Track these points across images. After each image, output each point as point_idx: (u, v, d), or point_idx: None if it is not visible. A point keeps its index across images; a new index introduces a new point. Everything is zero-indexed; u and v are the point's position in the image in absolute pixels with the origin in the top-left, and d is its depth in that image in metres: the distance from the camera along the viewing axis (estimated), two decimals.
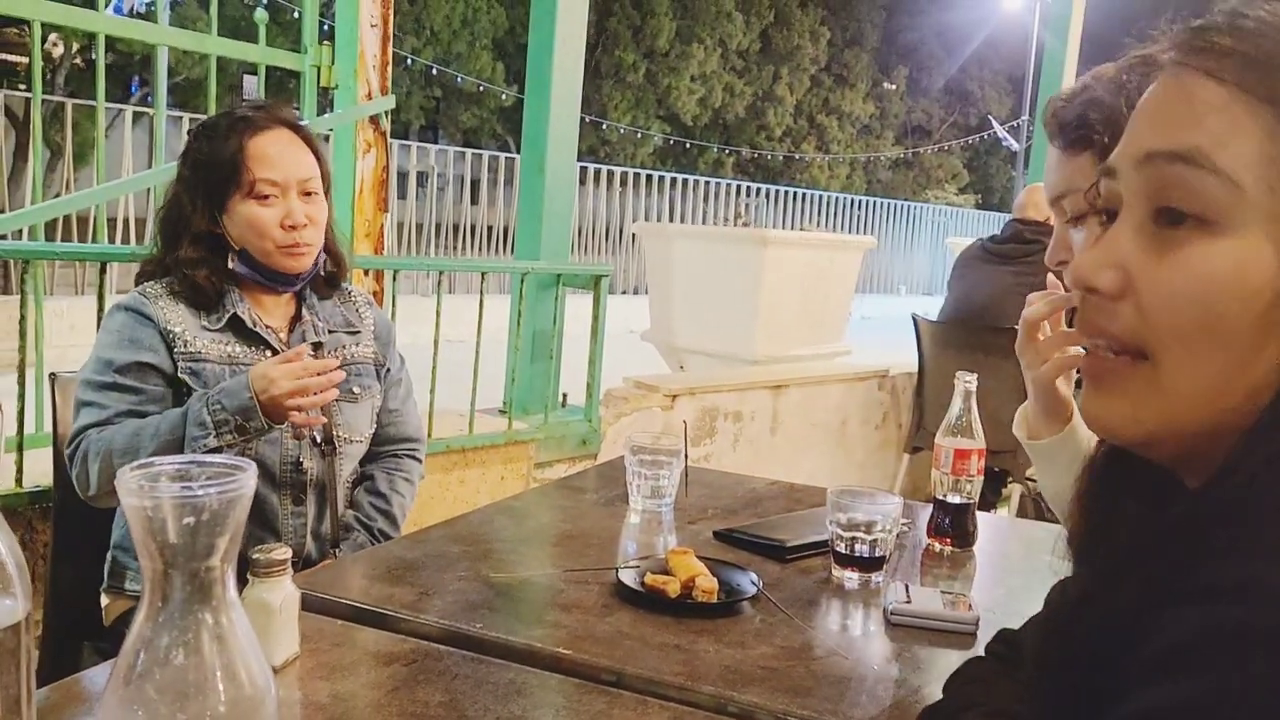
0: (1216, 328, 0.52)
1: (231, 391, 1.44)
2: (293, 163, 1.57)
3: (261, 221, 1.55)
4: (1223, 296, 0.52)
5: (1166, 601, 0.48)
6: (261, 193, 1.54)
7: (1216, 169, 0.52)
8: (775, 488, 1.77)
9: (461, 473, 2.88)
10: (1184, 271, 0.53)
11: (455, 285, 8.76)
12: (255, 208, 1.55)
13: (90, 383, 1.51)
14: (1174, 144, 0.54)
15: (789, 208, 12.72)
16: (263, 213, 1.55)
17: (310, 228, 1.58)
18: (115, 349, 1.52)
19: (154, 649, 0.65)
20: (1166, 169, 0.54)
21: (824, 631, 1.15)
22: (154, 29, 2.45)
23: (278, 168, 1.55)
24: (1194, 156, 0.53)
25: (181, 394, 1.53)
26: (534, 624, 1.15)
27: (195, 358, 1.53)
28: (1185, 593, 0.48)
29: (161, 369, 1.52)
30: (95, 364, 1.52)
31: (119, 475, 0.64)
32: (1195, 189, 0.53)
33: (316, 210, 1.59)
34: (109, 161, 6.43)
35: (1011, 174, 24.54)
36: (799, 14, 21.23)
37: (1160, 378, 0.55)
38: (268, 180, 1.54)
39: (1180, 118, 0.54)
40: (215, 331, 1.56)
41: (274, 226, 1.55)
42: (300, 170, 1.57)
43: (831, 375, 4.22)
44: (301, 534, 1.61)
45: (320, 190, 1.61)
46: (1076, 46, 5.47)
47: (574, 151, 3.24)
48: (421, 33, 16.02)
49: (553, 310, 3.14)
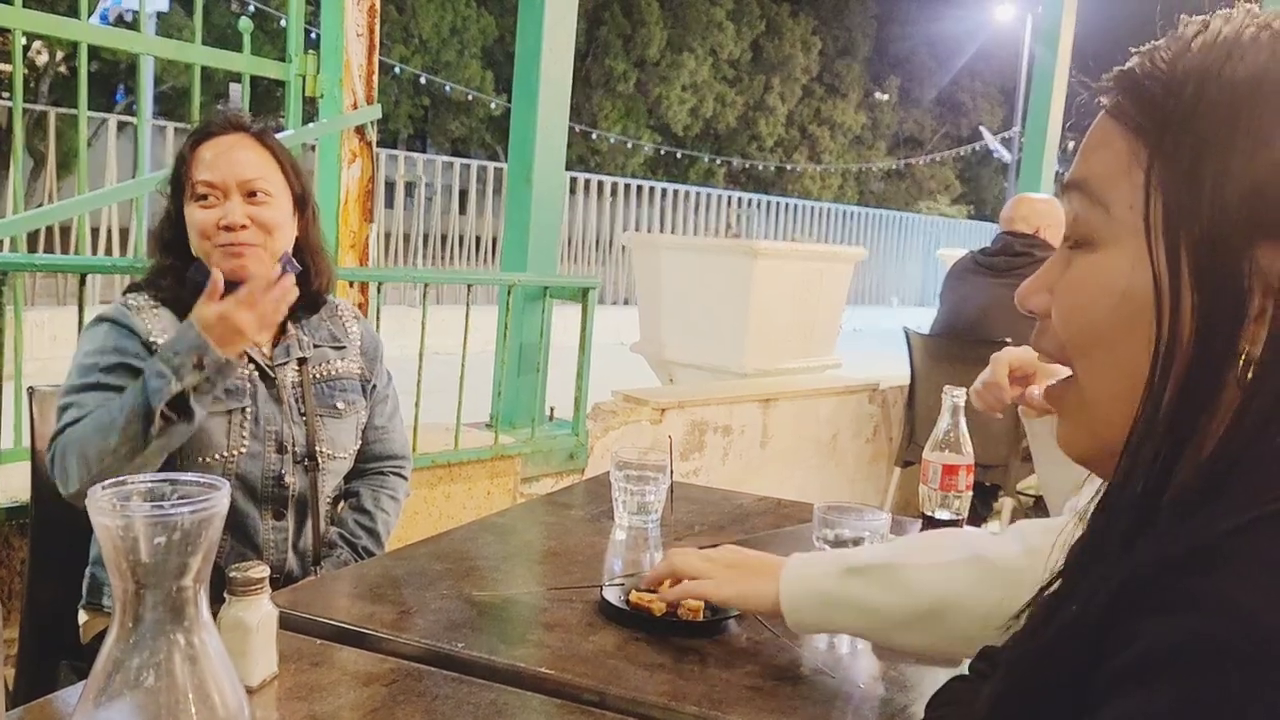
0: (1101, 336, 0.58)
1: (180, 333, 1.44)
2: (235, 164, 1.54)
3: (201, 224, 1.53)
4: (1094, 305, 0.58)
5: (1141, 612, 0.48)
6: (200, 194, 1.53)
7: (1091, 194, 0.59)
8: (762, 504, 1.76)
9: (447, 488, 2.86)
10: (1071, 287, 0.60)
11: (443, 296, 8.73)
12: (197, 210, 1.54)
13: (70, 389, 1.50)
14: (1072, 175, 0.61)
15: (780, 218, 12.73)
16: (201, 215, 1.53)
17: (253, 229, 1.54)
18: (95, 355, 1.50)
19: (125, 671, 0.64)
20: (1071, 197, 0.61)
21: (810, 650, 1.13)
22: (137, 38, 2.43)
23: (215, 169, 1.53)
24: (1079, 185, 0.60)
25: None
26: (517, 643, 1.13)
27: None
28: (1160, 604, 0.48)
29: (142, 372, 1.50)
30: (76, 371, 1.51)
31: (90, 495, 0.62)
32: (1079, 214, 0.60)
33: (264, 212, 1.55)
34: (92, 171, 6.39)
35: (1003, 185, 24.62)
36: (790, 24, 21.32)
37: (1082, 392, 0.60)
38: (204, 182, 1.53)
39: (1083, 151, 0.61)
40: None
41: (211, 228, 1.53)
42: (241, 171, 1.54)
43: (822, 388, 4.21)
44: (283, 550, 1.60)
45: (274, 193, 1.57)
46: (1068, 58, 5.49)
47: (562, 161, 3.23)
48: (410, 41, 16.03)
49: (540, 322, 3.13)
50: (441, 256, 9.57)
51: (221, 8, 12.50)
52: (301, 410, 1.61)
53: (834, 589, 1.02)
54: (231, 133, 1.57)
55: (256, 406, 1.56)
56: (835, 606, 1.02)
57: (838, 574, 1.03)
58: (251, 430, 1.55)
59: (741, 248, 4.50)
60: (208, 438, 1.51)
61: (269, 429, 1.57)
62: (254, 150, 1.57)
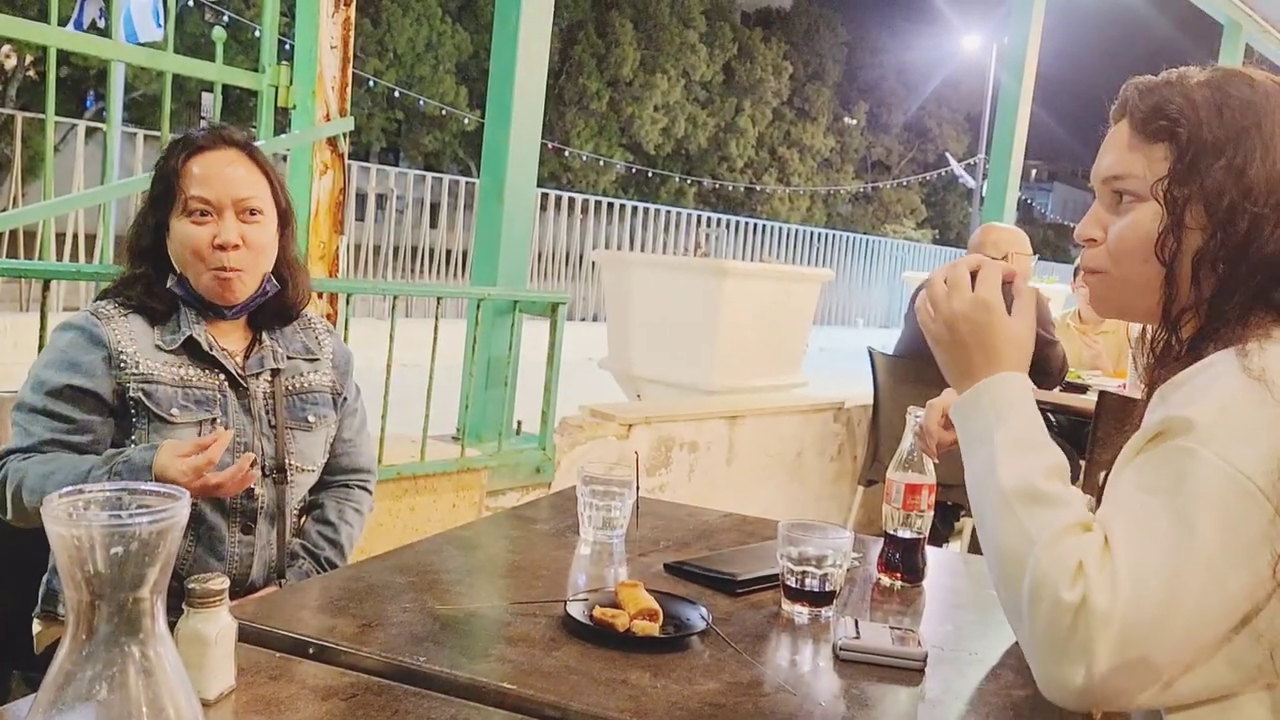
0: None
1: (135, 467, 1.39)
2: (230, 181, 1.54)
3: (192, 240, 1.52)
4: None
5: None
6: (194, 209, 1.52)
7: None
8: (728, 520, 1.76)
9: (412, 500, 2.84)
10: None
11: (413, 309, 8.69)
12: (188, 225, 1.52)
13: (22, 404, 1.48)
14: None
15: (749, 239, 12.81)
16: (194, 231, 1.52)
17: (244, 251, 1.53)
18: (53, 369, 1.48)
19: (77, 683, 0.62)
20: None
21: (772, 667, 1.14)
22: (108, 44, 2.41)
23: (212, 186, 1.52)
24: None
25: (128, 416, 1.50)
26: (479, 658, 1.12)
27: (147, 379, 1.50)
28: None
29: (99, 394, 1.48)
30: (31, 382, 1.49)
31: (45, 503, 0.61)
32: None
33: (256, 232, 1.55)
34: (60, 177, 6.32)
35: (968, 210, 24.94)
36: (762, 48, 21.52)
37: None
38: (199, 198, 1.52)
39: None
40: (169, 353, 1.53)
41: (204, 245, 1.51)
42: (237, 189, 1.54)
43: (788, 407, 4.23)
44: (248, 562, 1.58)
45: (264, 211, 1.57)
46: (1031, 86, 5.58)
47: (534, 177, 3.23)
48: (385, 55, 16.01)
49: (509, 337, 3.12)
50: (412, 269, 9.53)
51: (196, 17, 12.42)
52: (272, 422, 1.60)
53: None
54: (222, 147, 1.56)
55: (227, 418, 1.55)
56: None
57: None
58: None
59: (710, 267, 4.52)
60: None
61: (239, 440, 1.55)
62: (246, 167, 1.57)
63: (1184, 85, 1.02)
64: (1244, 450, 0.85)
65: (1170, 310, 1.02)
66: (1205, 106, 0.99)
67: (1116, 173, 1.05)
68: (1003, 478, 0.94)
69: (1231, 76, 1.02)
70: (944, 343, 1.08)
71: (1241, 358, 0.92)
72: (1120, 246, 1.04)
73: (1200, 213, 0.98)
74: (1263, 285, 0.96)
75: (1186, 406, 0.91)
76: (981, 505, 0.97)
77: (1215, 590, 0.82)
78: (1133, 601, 0.82)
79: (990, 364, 1.04)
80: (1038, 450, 0.97)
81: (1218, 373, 0.93)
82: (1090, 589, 0.83)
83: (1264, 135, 0.97)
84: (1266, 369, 0.90)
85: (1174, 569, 0.82)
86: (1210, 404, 0.89)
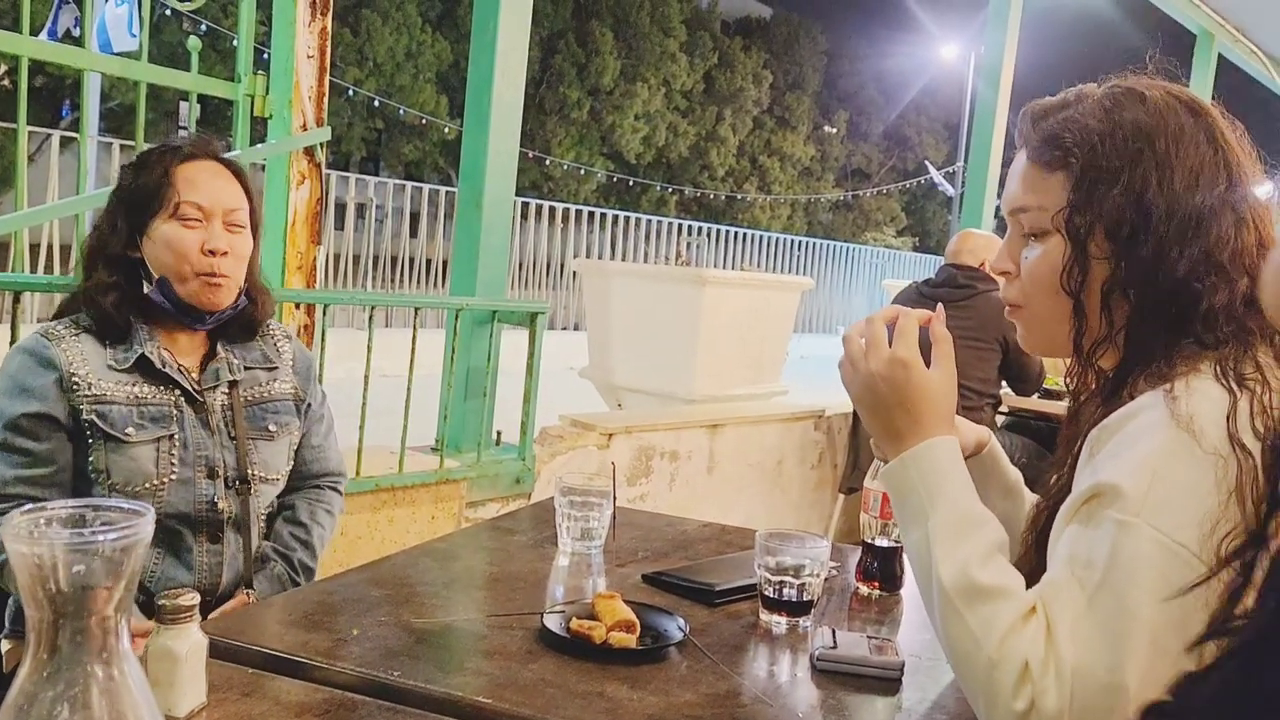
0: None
1: None
2: (220, 191, 1.55)
3: (183, 243, 1.51)
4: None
5: None
6: (186, 214, 1.52)
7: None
8: (707, 530, 1.76)
9: (391, 512, 2.82)
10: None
11: (392, 319, 8.66)
12: (178, 229, 1.52)
13: None
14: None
15: (730, 247, 12.83)
16: (185, 234, 1.52)
17: (231, 258, 1.54)
18: (6, 398, 1.47)
19: (39, 704, 0.61)
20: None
21: (750, 678, 1.13)
22: (82, 54, 2.39)
23: (204, 193, 1.53)
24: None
25: (83, 437, 1.48)
26: (455, 671, 1.11)
27: (100, 400, 1.48)
28: None
29: (55, 417, 1.47)
30: None
31: (6, 520, 0.60)
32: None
33: (240, 243, 1.57)
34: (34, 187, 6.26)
35: (948, 218, 25.08)
36: (742, 57, 21.60)
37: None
38: (193, 203, 1.52)
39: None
40: (122, 372, 1.51)
41: (194, 250, 1.51)
42: (227, 200, 1.55)
43: (768, 415, 4.23)
44: (217, 571, 1.57)
45: (246, 225, 1.58)
46: (1008, 95, 5.63)
47: (512, 186, 3.23)
48: (365, 64, 15.97)
49: (488, 347, 3.11)
50: (391, 279, 9.49)
51: (174, 25, 12.34)
52: (232, 434, 1.59)
53: None
54: (207, 159, 1.57)
55: (185, 432, 1.53)
56: None
57: None
58: (180, 456, 1.52)
59: (691, 275, 4.52)
60: (136, 466, 1.48)
61: (199, 454, 1.54)
62: (229, 180, 1.58)
63: (1080, 108, 1.00)
64: (1177, 518, 0.84)
65: (1081, 343, 1.00)
66: (1098, 132, 0.97)
67: (1020, 205, 1.04)
68: (943, 574, 0.92)
69: (1124, 96, 0.99)
70: (865, 404, 1.05)
71: (1170, 403, 0.89)
72: (1030, 280, 1.03)
73: (1103, 241, 0.97)
74: (1179, 313, 0.94)
75: (1117, 469, 0.88)
76: (925, 593, 0.96)
77: (1160, 659, 0.82)
78: (1080, 695, 0.82)
79: (914, 424, 1.01)
80: (973, 532, 0.95)
81: (1147, 423, 0.90)
82: (1037, 694, 0.83)
83: (1158, 155, 0.96)
84: (1194, 416, 0.87)
85: (1118, 653, 0.82)
86: (1141, 469, 0.87)
